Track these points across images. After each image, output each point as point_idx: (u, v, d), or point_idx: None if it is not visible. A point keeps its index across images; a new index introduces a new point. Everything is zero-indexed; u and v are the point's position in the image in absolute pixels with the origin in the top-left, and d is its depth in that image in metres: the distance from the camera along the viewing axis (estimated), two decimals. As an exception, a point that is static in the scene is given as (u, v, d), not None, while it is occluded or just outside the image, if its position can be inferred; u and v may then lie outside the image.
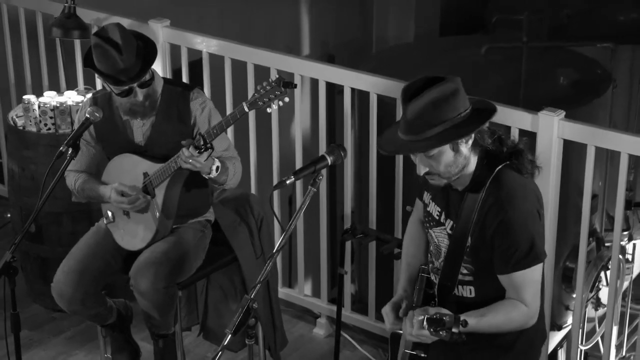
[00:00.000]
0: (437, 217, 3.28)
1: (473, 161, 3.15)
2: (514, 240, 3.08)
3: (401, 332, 3.29)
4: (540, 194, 3.23)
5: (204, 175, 3.88)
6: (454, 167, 3.12)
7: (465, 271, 3.20)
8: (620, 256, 5.81)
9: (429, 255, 3.37)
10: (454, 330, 2.93)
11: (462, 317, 2.99)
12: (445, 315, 2.96)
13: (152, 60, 3.93)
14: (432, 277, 3.32)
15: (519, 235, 3.08)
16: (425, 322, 2.97)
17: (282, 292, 5.04)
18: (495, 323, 3.12)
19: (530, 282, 3.12)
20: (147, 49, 3.94)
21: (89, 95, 4.23)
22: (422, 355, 3.21)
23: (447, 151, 3.09)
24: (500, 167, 3.13)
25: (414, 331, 3.03)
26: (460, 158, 3.11)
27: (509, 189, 3.11)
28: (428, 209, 3.33)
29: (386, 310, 3.30)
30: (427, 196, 3.34)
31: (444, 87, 3.05)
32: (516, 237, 3.08)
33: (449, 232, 3.22)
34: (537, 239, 3.11)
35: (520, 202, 3.10)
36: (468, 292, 3.24)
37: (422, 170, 3.13)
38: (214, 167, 3.85)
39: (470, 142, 3.11)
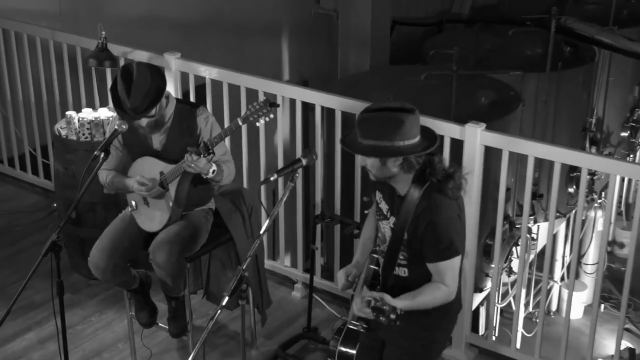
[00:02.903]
0: (385, 213, 3.26)
1: (407, 176, 3.09)
2: (438, 238, 3.07)
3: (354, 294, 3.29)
4: (462, 201, 3.18)
5: (203, 176, 3.87)
6: (380, 173, 3.09)
7: (401, 257, 3.19)
8: (527, 235, 5.86)
9: (377, 240, 3.35)
10: (391, 317, 2.90)
11: (399, 301, 3.00)
12: (386, 305, 2.92)
13: (158, 100, 3.83)
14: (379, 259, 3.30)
15: (442, 234, 3.06)
16: (370, 309, 2.94)
17: (268, 263, 5.03)
18: (424, 301, 3.13)
19: (450, 269, 3.12)
20: (158, 90, 3.81)
21: (118, 111, 4.20)
22: (364, 326, 3.20)
23: (375, 159, 3.06)
24: (429, 183, 3.08)
25: (361, 308, 3.01)
26: (385, 169, 3.07)
27: (436, 198, 3.08)
28: (379, 205, 3.30)
29: (340, 274, 3.30)
30: (378, 195, 3.31)
31: (395, 115, 3.00)
32: (440, 236, 3.06)
33: (392, 226, 3.20)
34: (456, 238, 3.10)
35: (444, 209, 3.08)
36: (403, 272, 3.22)
37: (359, 163, 3.11)
38: (211, 170, 3.84)
39: (398, 162, 3.05)
